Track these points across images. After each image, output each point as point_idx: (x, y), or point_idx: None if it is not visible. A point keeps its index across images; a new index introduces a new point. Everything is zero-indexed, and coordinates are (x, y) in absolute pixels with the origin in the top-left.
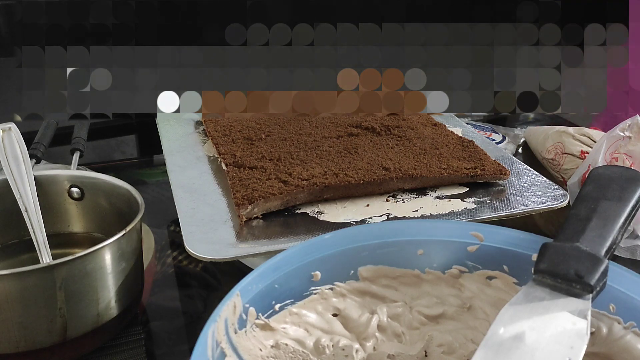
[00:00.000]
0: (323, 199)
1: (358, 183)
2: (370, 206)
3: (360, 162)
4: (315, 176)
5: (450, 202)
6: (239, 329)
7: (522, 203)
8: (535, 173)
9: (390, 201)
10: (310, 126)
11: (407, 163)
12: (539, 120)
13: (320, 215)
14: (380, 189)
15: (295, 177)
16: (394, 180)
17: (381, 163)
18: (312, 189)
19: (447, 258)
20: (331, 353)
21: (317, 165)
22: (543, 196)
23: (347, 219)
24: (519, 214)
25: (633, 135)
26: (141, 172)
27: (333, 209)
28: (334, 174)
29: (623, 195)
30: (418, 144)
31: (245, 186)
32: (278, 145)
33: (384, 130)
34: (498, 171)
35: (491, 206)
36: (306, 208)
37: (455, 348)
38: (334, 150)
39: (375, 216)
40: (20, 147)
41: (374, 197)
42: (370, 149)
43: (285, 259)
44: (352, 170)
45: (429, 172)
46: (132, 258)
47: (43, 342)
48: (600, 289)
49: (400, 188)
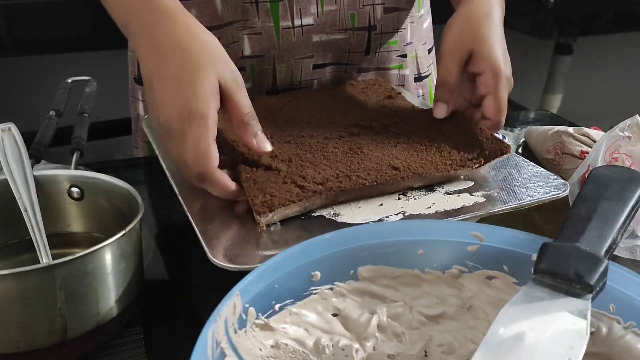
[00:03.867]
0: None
1: (371, 185)
2: (384, 205)
3: (368, 162)
4: (329, 180)
5: (459, 196)
6: (238, 329)
7: (528, 194)
8: (532, 164)
9: (402, 199)
10: (309, 128)
11: (414, 162)
12: (539, 120)
13: (337, 217)
14: (391, 189)
15: (310, 181)
16: (404, 180)
17: (389, 162)
18: (329, 194)
19: (447, 258)
20: (331, 353)
21: (327, 167)
22: (545, 186)
23: (364, 219)
24: (527, 205)
25: (633, 135)
26: (141, 172)
27: (349, 210)
28: (347, 176)
29: (623, 195)
30: (416, 140)
31: (262, 190)
32: (284, 148)
33: (382, 129)
34: (499, 151)
35: (500, 199)
36: (322, 211)
37: (455, 348)
38: (340, 150)
39: (391, 214)
40: (20, 147)
41: (385, 196)
42: (374, 148)
43: (285, 259)
44: (363, 171)
45: (436, 169)
46: (132, 258)
47: (43, 342)
48: (600, 289)
49: (410, 187)
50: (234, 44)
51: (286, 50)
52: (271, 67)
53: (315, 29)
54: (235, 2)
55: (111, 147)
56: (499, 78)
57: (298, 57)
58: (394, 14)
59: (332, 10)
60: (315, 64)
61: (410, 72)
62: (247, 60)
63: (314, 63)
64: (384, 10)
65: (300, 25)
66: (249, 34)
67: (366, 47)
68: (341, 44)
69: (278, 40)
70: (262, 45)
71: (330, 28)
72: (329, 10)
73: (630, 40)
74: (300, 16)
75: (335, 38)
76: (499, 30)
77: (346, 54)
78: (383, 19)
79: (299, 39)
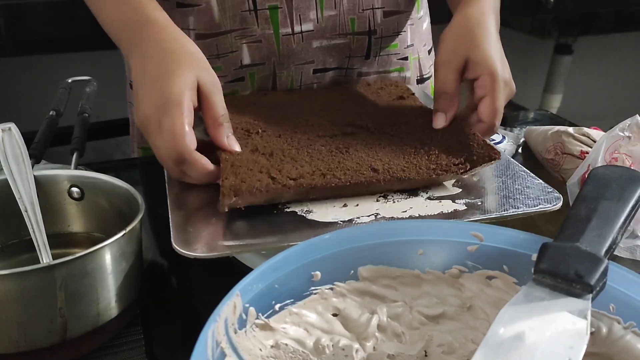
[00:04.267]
0: (310, 198)
1: (345, 185)
2: (360, 206)
3: (349, 162)
4: (303, 176)
5: (440, 203)
6: (239, 329)
7: (514, 205)
8: (531, 175)
9: (381, 201)
10: (306, 124)
11: (397, 164)
12: (538, 120)
13: (308, 214)
14: (368, 191)
15: (284, 175)
16: (381, 183)
17: (370, 164)
18: (299, 189)
19: (447, 258)
20: (331, 353)
21: (306, 164)
22: (536, 199)
23: (335, 218)
24: (509, 217)
25: (633, 135)
26: (142, 172)
27: (322, 208)
28: (322, 174)
29: (623, 195)
30: (409, 142)
31: (236, 174)
32: (272, 142)
33: (377, 129)
34: (487, 157)
35: (482, 208)
36: (295, 207)
37: (455, 348)
38: (326, 149)
39: (363, 216)
40: (20, 147)
41: (364, 197)
42: (361, 148)
43: (285, 259)
44: (340, 170)
45: (417, 174)
46: (132, 258)
47: (43, 342)
48: (600, 289)
49: (389, 190)
50: (233, 53)
51: (286, 57)
52: (271, 74)
53: (316, 34)
54: (233, 11)
55: (111, 147)
56: (495, 80)
57: (298, 63)
58: (393, 17)
59: (332, 16)
60: (315, 69)
61: (412, 74)
62: (247, 69)
63: (314, 68)
64: (384, 14)
65: (300, 32)
66: (248, 43)
67: (367, 52)
68: (342, 49)
69: (278, 47)
70: (262, 53)
71: (331, 33)
72: (329, 15)
73: (630, 40)
74: (300, 22)
75: (336, 43)
76: (494, 36)
77: (347, 59)
78: (383, 23)
79: (299, 45)
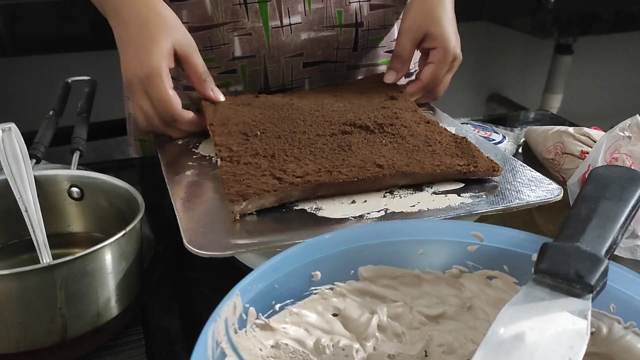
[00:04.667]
0: (318, 196)
1: (351, 181)
2: (368, 202)
3: (354, 159)
4: (309, 173)
5: (447, 197)
6: (239, 329)
7: (518, 197)
8: (529, 169)
9: (387, 197)
10: (304, 124)
11: (400, 160)
12: (539, 120)
13: (318, 211)
14: (374, 186)
15: (289, 174)
16: (387, 178)
17: (374, 160)
18: (306, 187)
19: (447, 258)
20: (331, 353)
21: (310, 162)
22: (538, 190)
23: (345, 214)
24: (515, 208)
25: (633, 135)
26: (141, 172)
27: (331, 205)
28: (328, 171)
29: (623, 195)
30: (411, 141)
31: (239, 182)
32: (272, 143)
33: (377, 128)
34: (491, 167)
35: (488, 200)
36: (304, 205)
37: (456, 348)
38: (328, 147)
39: (372, 211)
40: (20, 147)
41: (371, 194)
42: (363, 146)
43: (285, 259)
44: (345, 167)
45: (421, 169)
46: (132, 258)
47: (43, 342)
48: (601, 289)
49: (394, 185)
50: (225, 45)
51: (276, 49)
52: (262, 68)
53: (304, 27)
54: (224, 4)
55: (111, 147)
56: (447, 54)
57: (288, 55)
58: (380, 11)
59: (319, 8)
60: (305, 62)
61: None
62: (238, 61)
63: (304, 61)
64: (370, 7)
65: (289, 24)
66: (239, 35)
67: (354, 44)
68: (329, 41)
69: (268, 40)
70: (253, 46)
71: (318, 25)
72: (316, 8)
73: (630, 40)
74: (289, 15)
75: (324, 35)
76: (450, 13)
77: (335, 51)
78: (369, 16)
79: (288, 37)
